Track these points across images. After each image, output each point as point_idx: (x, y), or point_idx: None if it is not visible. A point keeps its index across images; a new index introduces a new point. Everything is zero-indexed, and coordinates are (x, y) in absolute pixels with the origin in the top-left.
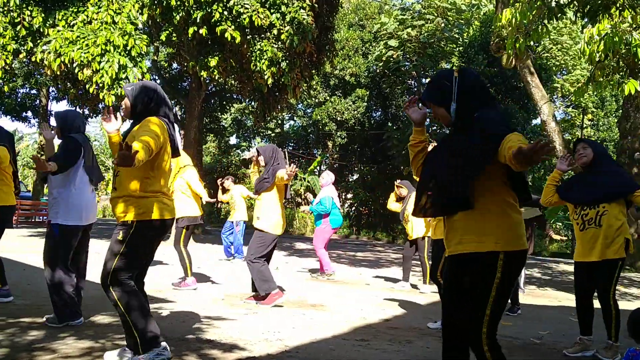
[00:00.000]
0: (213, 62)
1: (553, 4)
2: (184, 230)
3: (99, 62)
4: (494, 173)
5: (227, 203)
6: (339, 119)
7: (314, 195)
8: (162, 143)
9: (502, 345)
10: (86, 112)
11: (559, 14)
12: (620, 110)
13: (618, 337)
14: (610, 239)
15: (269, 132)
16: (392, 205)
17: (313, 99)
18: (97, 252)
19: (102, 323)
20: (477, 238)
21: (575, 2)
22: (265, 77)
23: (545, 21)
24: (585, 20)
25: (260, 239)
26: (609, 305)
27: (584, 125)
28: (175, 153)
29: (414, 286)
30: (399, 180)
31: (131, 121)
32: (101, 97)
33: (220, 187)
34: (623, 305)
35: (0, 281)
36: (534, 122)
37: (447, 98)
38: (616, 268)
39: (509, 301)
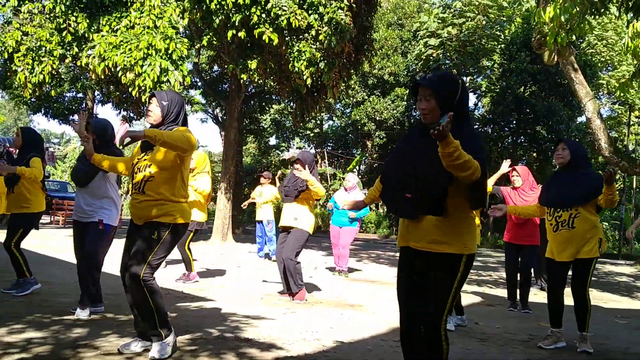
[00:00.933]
0: (252, 65)
1: None
2: (192, 233)
3: (142, 66)
4: (461, 183)
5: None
6: (377, 118)
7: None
8: (189, 150)
9: (543, 348)
10: (131, 114)
11: (602, 9)
12: None
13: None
14: (584, 240)
15: (308, 132)
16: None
17: (351, 98)
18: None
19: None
20: (449, 240)
21: None
22: (304, 77)
23: (588, 17)
24: (630, 15)
25: (300, 237)
26: (585, 300)
27: (631, 123)
28: None
29: None
30: None
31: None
32: (143, 100)
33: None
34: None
35: (27, 272)
36: (579, 119)
37: (448, 101)
38: (590, 266)
39: (518, 299)
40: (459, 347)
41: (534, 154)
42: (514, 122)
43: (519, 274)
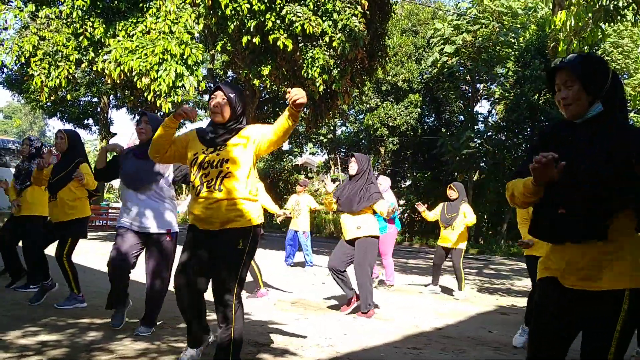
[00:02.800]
0: (266, 71)
1: (611, 6)
2: None
3: (157, 71)
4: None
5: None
6: (391, 124)
7: None
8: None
9: None
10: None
11: (617, 17)
12: None
13: None
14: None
15: (321, 137)
16: (429, 214)
17: (365, 104)
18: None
19: (157, 325)
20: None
21: (634, 5)
22: (317, 84)
23: (602, 24)
24: None
25: (375, 245)
26: None
27: None
28: None
29: (449, 291)
30: (454, 184)
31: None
32: (158, 105)
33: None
34: None
35: (76, 288)
36: None
37: (596, 86)
38: None
39: None
40: (472, 356)
41: None
42: (528, 129)
43: None
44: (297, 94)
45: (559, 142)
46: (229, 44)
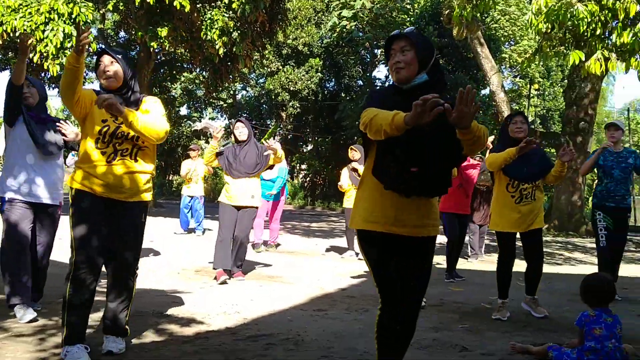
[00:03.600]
0: (163, 32)
1: None
2: None
3: (43, 31)
4: None
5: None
6: (292, 89)
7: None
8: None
9: (453, 310)
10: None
11: None
12: (566, 80)
13: None
14: (539, 211)
15: (221, 102)
16: (344, 186)
17: (266, 68)
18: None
19: (54, 301)
20: (436, 223)
21: None
22: (217, 46)
23: None
24: None
25: (254, 216)
26: (541, 267)
27: (531, 95)
28: None
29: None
30: (354, 146)
31: None
32: (45, 67)
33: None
34: (567, 269)
35: None
36: (483, 92)
37: (427, 60)
38: (542, 235)
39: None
40: (375, 313)
41: None
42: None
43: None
44: (101, 103)
45: (393, 105)
46: (121, 3)
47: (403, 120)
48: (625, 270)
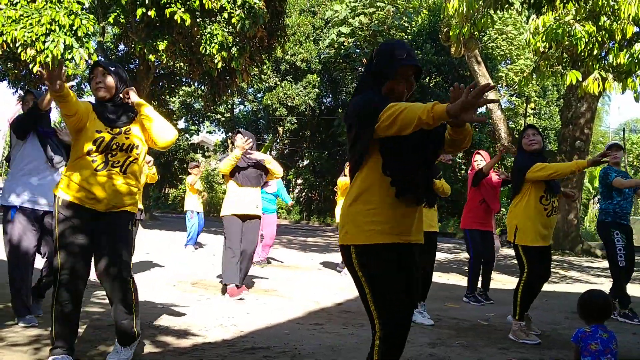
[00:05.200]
0: (162, 46)
1: None
2: None
3: (44, 42)
4: None
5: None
6: (289, 104)
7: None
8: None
9: (450, 326)
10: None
11: (505, 5)
12: (562, 100)
13: None
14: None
15: (219, 116)
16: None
17: (264, 83)
18: None
19: (50, 310)
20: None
21: None
22: (216, 61)
23: (491, 11)
24: (533, 15)
25: (259, 227)
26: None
27: (527, 114)
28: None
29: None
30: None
31: None
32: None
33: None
34: (563, 287)
35: None
36: (479, 110)
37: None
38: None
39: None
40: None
41: None
42: None
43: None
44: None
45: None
46: (122, 16)
47: (445, 110)
48: None
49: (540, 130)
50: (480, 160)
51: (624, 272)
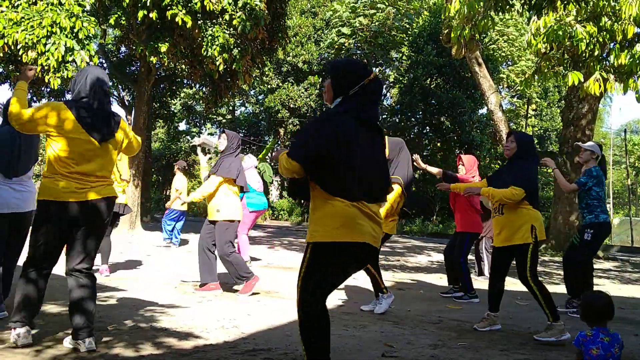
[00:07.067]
0: (163, 48)
1: None
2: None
3: (45, 44)
4: None
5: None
6: (291, 105)
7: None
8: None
9: (451, 328)
10: (28, 95)
11: (506, 6)
12: (563, 101)
13: (557, 316)
14: (514, 226)
15: (220, 118)
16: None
17: (265, 85)
18: None
19: (50, 312)
20: None
21: None
22: (217, 63)
23: (492, 13)
24: (533, 17)
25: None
26: (529, 286)
27: (528, 115)
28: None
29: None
30: None
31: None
32: (46, 80)
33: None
34: (564, 289)
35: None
36: (481, 111)
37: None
38: (526, 253)
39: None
40: (373, 331)
41: (438, 144)
42: (420, 112)
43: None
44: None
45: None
46: (123, 18)
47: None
48: (623, 290)
49: (541, 131)
50: (461, 167)
51: None
